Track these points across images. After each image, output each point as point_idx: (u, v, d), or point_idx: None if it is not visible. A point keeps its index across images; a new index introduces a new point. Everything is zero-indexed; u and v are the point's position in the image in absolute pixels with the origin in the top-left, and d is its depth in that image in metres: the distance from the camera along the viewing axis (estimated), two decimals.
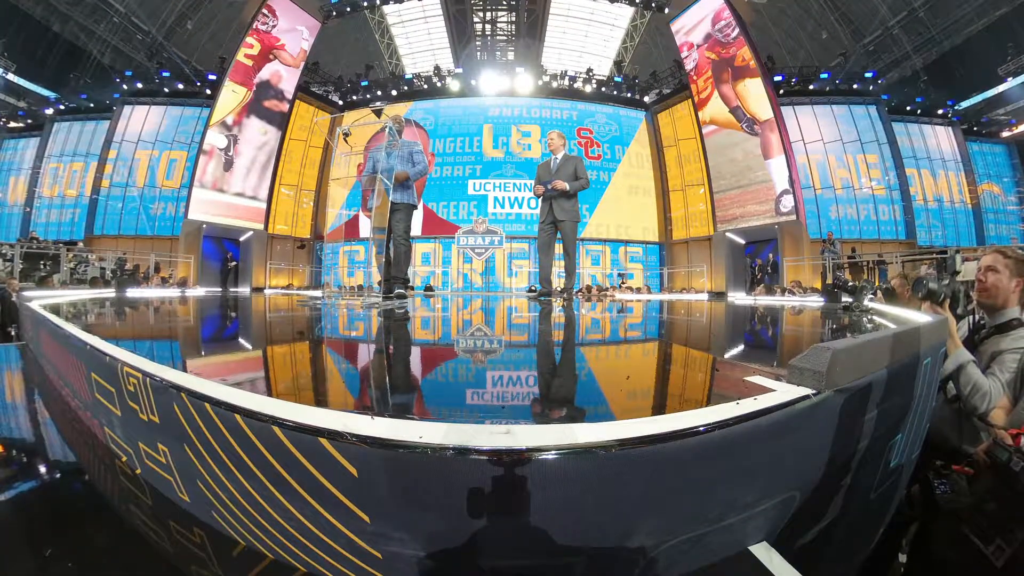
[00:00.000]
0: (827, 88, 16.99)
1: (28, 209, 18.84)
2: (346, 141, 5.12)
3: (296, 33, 17.70)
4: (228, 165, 16.58)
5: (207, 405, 0.86)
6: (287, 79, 17.84)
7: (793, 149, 15.15)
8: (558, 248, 5.28)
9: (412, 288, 6.50)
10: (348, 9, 19.03)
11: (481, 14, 20.35)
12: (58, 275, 12.09)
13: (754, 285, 14.90)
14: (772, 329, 3.38)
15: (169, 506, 1.10)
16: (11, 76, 21.88)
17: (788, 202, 14.72)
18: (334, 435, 0.70)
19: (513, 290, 15.55)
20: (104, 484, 1.46)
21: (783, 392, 0.86)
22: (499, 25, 21.05)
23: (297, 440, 0.74)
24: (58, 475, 1.66)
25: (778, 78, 16.49)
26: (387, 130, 4.54)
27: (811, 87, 17.02)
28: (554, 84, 18.70)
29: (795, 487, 0.86)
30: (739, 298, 13.25)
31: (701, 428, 0.72)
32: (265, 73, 17.35)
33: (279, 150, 17.81)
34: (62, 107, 19.65)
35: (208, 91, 17.53)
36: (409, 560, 0.70)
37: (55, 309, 3.21)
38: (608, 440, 0.67)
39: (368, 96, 19.50)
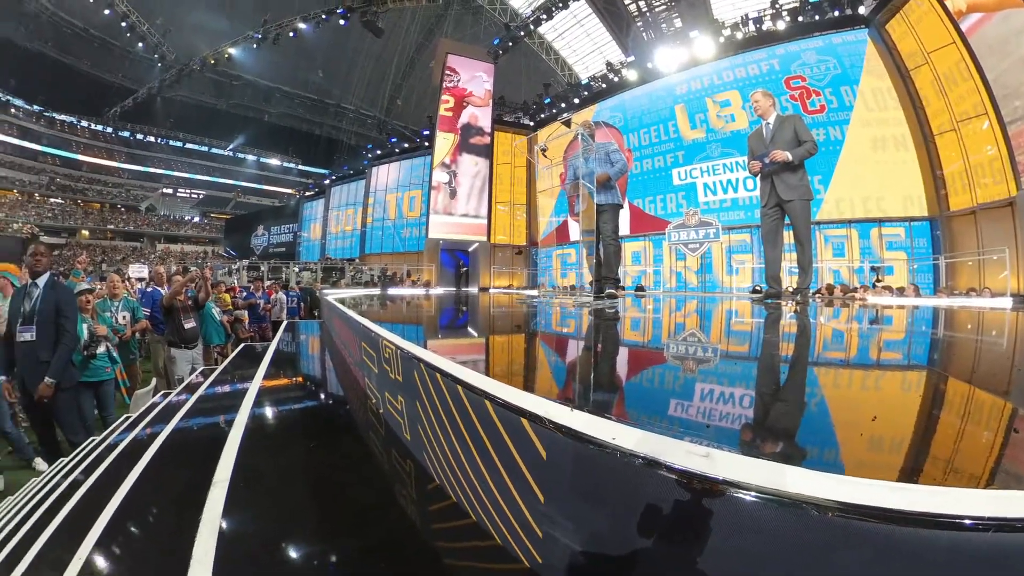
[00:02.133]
0: None
1: (323, 241, 29.23)
2: (545, 156, 5.41)
3: (478, 79, 21.39)
4: (453, 194, 20.89)
5: (438, 375, 1.11)
6: (482, 117, 21.42)
7: None
8: (787, 237, 4.33)
9: (622, 288, 6.45)
10: (510, 44, 22.87)
11: None
12: (344, 280, 19.07)
13: None
14: None
15: (395, 440, 1.57)
16: (300, 167, 41.38)
17: None
18: (534, 418, 0.78)
19: (734, 291, 13.59)
20: (358, 414, 2.20)
21: None
22: None
23: (503, 415, 0.86)
24: (331, 402, 2.76)
25: None
26: (579, 137, 4.63)
27: None
28: (738, 35, 15.33)
29: None
30: None
31: (976, 519, 0.47)
32: (464, 117, 21.25)
33: (490, 175, 21.24)
34: (334, 177, 29.45)
35: (426, 143, 22.79)
36: (564, 548, 0.74)
37: (341, 300, 4.88)
38: (827, 499, 0.52)
39: (554, 111, 21.10)
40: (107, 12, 28.78)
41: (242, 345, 5.86)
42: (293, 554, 1.10)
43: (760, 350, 2.13)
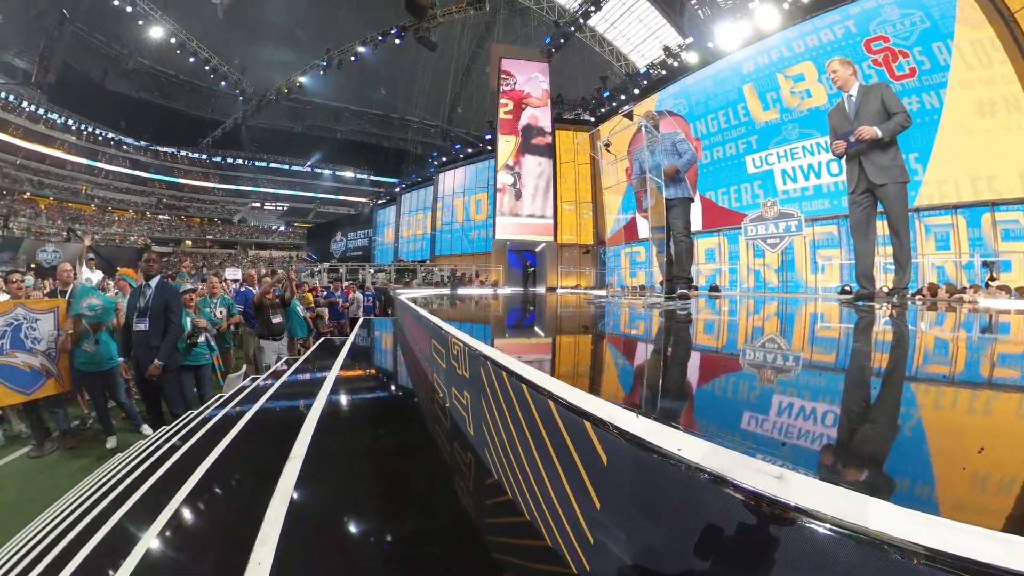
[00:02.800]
0: None
1: (396, 244, 31.12)
2: (608, 151, 5.27)
3: (534, 80, 21.44)
4: (518, 195, 20.98)
5: (504, 373, 1.12)
6: (542, 117, 21.33)
7: None
8: (881, 228, 3.72)
9: (695, 288, 6.06)
10: (561, 41, 22.58)
11: None
12: (415, 280, 19.85)
13: None
14: None
15: (459, 433, 1.61)
16: (372, 177, 45.49)
17: None
18: (598, 422, 0.76)
19: (819, 291, 11.89)
20: (425, 406, 2.28)
21: None
22: None
23: (566, 417, 0.84)
24: (400, 393, 2.92)
25: None
26: (643, 129, 4.43)
27: None
28: None
29: None
30: None
31: None
32: (524, 119, 21.28)
33: (554, 174, 21.07)
34: (404, 185, 31.66)
35: (489, 147, 23.33)
36: (614, 557, 0.72)
37: (413, 300, 5.07)
38: (914, 542, 0.43)
39: (614, 104, 20.39)
40: (192, 59, 33.56)
41: (322, 339, 6.48)
42: (352, 528, 1.21)
43: (848, 361, 1.86)
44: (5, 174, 34.34)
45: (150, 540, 1.23)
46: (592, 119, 21.66)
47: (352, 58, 29.56)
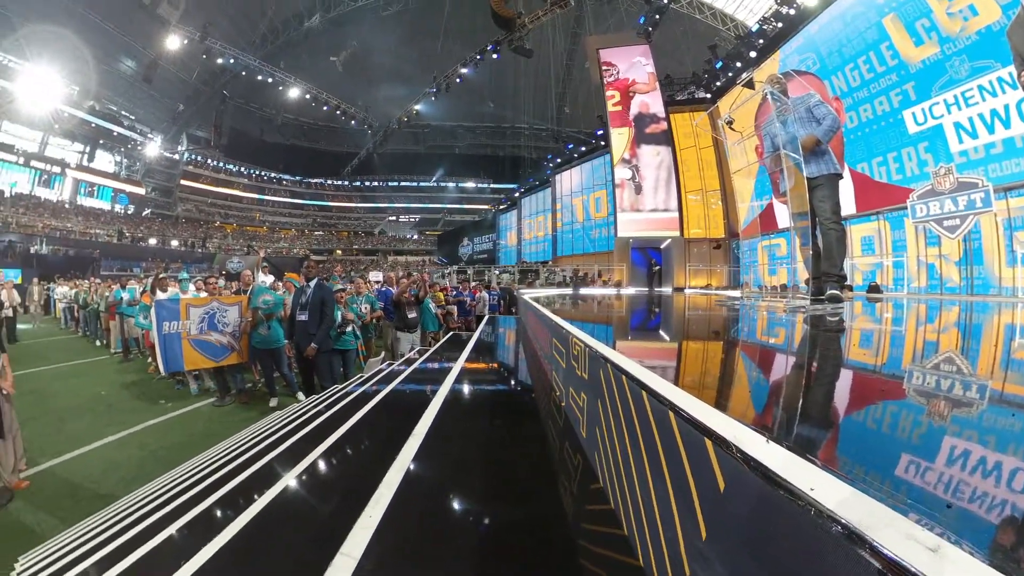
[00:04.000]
0: None
1: (519, 247, 32.14)
2: (732, 129, 4.60)
3: (636, 65, 19.92)
4: (638, 189, 19.79)
5: (624, 377, 1.06)
6: (653, 103, 19.75)
7: None
8: None
9: (849, 288, 4.97)
10: (657, 17, 20.57)
11: None
12: (538, 280, 20.24)
13: None
14: None
15: (571, 433, 1.58)
16: (492, 185, 49.15)
17: None
18: (720, 442, 0.67)
19: (1020, 292, 8.61)
20: (542, 403, 2.32)
21: None
22: None
23: (685, 432, 0.77)
24: (519, 388, 3.02)
25: None
26: (769, 97, 3.74)
27: None
28: None
29: None
30: None
31: None
32: (634, 108, 19.93)
33: (675, 163, 19.41)
34: (522, 190, 32.67)
35: (602, 143, 22.52)
36: None
37: (536, 299, 5.14)
38: None
39: (730, 74, 17.95)
40: (325, 108, 42.11)
41: (451, 333, 7.08)
42: (455, 504, 1.29)
43: None
44: (201, 210, 47.66)
45: (290, 479, 1.58)
46: (708, 95, 19.42)
47: (457, 80, 32.89)
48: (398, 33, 41.23)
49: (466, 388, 2.74)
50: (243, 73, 37.30)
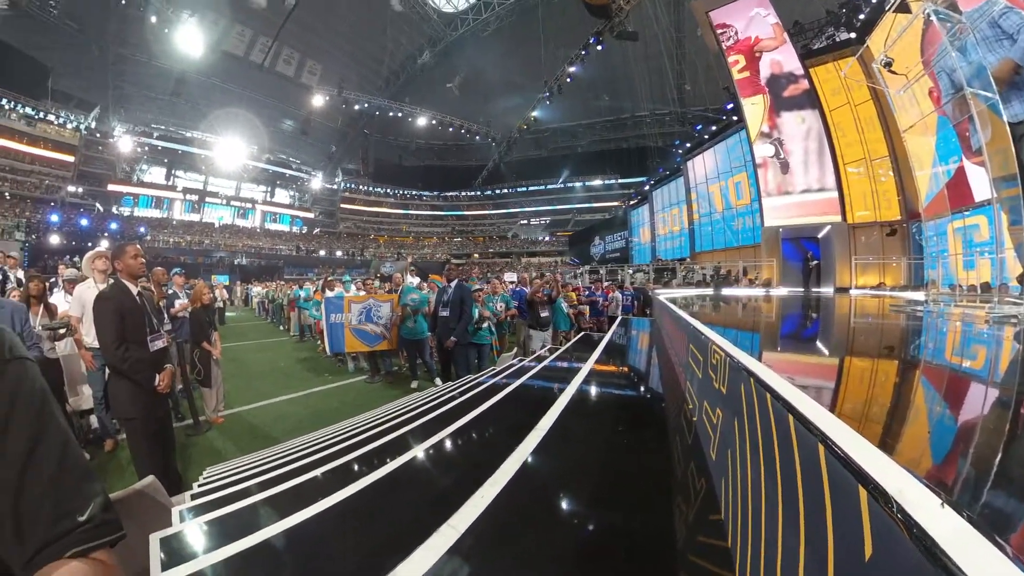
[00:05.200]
0: None
1: (653, 244, 29.53)
2: (892, 71, 3.62)
3: (756, 19, 16.52)
4: (784, 168, 16.67)
5: (768, 396, 0.89)
6: (786, 59, 16.25)
7: None
8: None
9: None
10: None
11: None
12: (675, 280, 18.74)
13: None
14: None
15: (699, 453, 1.43)
16: (620, 181, 49.71)
17: None
18: (878, 493, 0.49)
19: None
20: (671, 415, 2.13)
21: None
22: None
23: (835, 473, 0.59)
24: (648, 395, 2.78)
25: None
26: (932, 19, 2.79)
27: None
28: None
29: None
30: None
31: None
32: (765, 70, 16.64)
33: (825, 129, 15.60)
34: (652, 182, 30.33)
35: (735, 117, 19.57)
36: None
37: (672, 300, 4.84)
38: None
39: (874, 1, 14.22)
40: (451, 129, 48.60)
41: (582, 333, 7.04)
42: (563, 503, 1.26)
43: None
44: (358, 226, 58.25)
45: (418, 451, 1.74)
46: (852, 36, 15.55)
47: (567, 80, 32.87)
48: (501, 49, 43.68)
49: (593, 389, 2.66)
50: (377, 113, 47.13)
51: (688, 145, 24.74)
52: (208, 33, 35.84)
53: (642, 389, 2.98)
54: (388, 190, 61.64)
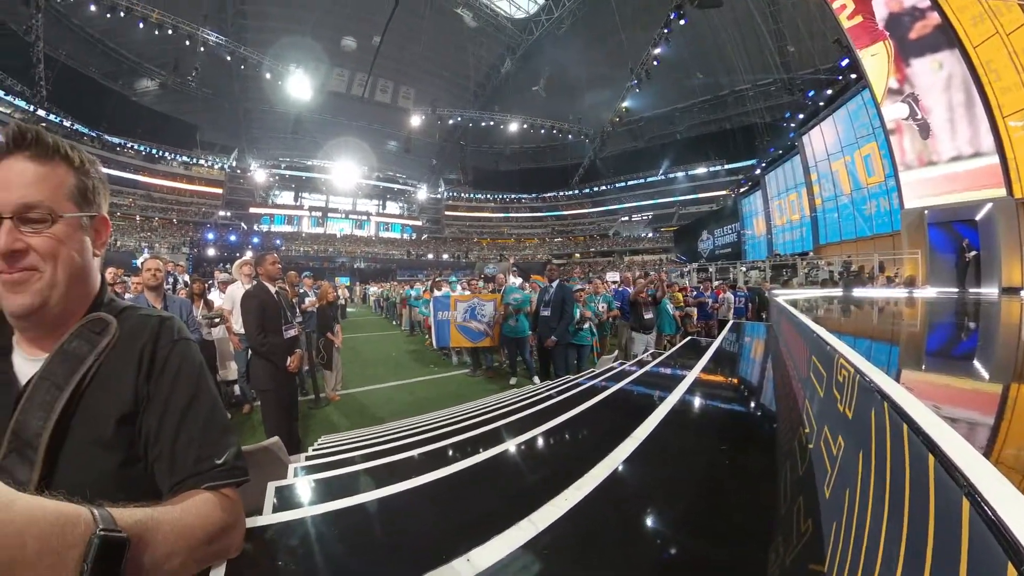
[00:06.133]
0: None
1: (769, 236, 26.53)
2: None
3: None
4: (924, 131, 13.11)
5: (905, 426, 0.71)
6: None
7: None
8: None
9: None
10: None
11: None
12: (795, 278, 16.15)
13: None
14: None
15: (810, 488, 1.19)
16: (726, 166, 45.25)
17: None
18: None
19: None
20: (783, 439, 1.77)
21: None
22: None
23: (979, 539, 0.45)
24: (758, 413, 2.33)
25: None
26: None
27: None
28: None
29: None
30: None
31: None
32: (881, 9, 13.33)
33: (971, 72, 11.50)
34: (763, 164, 27.27)
35: (852, 75, 16.33)
36: None
37: (793, 302, 4.35)
38: None
39: None
40: (542, 131, 50.88)
41: (689, 338, 6.55)
42: (648, 519, 1.17)
43: None
44: (462, 231, 62.80)
45: (510, 445, 1.76)
46: None
47: (654, 63, 30.64)
48: (580, 44, 42.88)
49: (697, 401, 2.43)
50: (470, 124, 50.90)
51: (801, 116, 21.40)
52: (313, 79, 42.76)
53: (752, 406, 2.58)
54: (488, 195, 64.61)
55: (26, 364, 0.77)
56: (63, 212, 0.76)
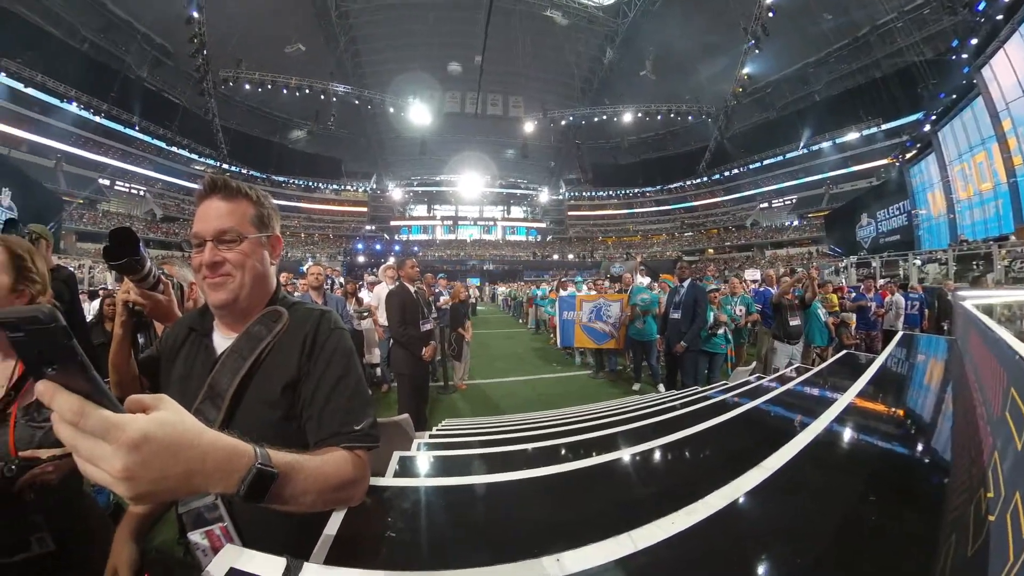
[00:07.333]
0: None
1: (950, 215, 19.04)
2: None
3: None
4: None
5: None
6: None
7: None
8: None
9: None
10: None
11: None
12: (991, 274, 11.47)
13: None
14: None
15: (982, 572, 0.83)
16: (882, 127, 34.39)
17: None
18: None
19: None
20: (953, 496, 1.26)
21: None
22: None
23: None
24: (926, 460, 1.71)
25: None
26: None
27: None
28: None
29: None
30: None
31: None
32: None
33: None
34: (933, 117, 20.13)
35: None
36: None
37: (988, 310, 3.06)
38: None
39: None
40: (659, 117, 47.16)
41: (844, 352, 5.42)
42: (761, 567, 0.96)
43: None
44: (586, 230, 62.47)
45: (624, 454, 1.70)
46: None
47: (770, 15, 26.08)
48: (678, 14, 36.72)
49: (847, 434, 1.88)
50: (583, 122, 49.64)
51: (974, 42, 15.37)
52: (430, 105, 48.06)
53: (918, 449, 1.83)
54: (610, 192, 62.64)
55: (222, 341, 1.08)
56: (247, 234, 1.04)
